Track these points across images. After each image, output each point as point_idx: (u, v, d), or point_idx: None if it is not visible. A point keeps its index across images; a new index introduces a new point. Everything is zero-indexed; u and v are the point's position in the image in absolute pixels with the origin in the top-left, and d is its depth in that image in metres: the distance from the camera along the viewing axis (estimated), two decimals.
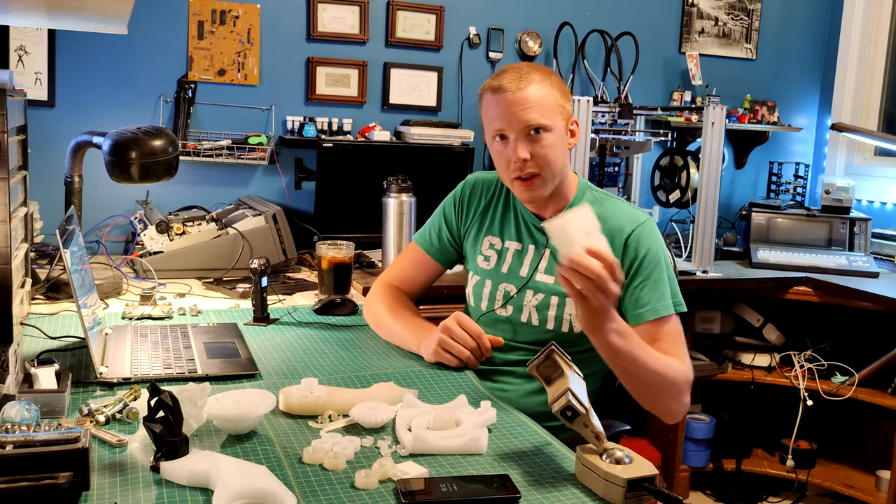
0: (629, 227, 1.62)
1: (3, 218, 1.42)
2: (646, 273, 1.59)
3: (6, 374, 1.25)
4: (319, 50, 2.98)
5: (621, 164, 3.23)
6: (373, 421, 1.27)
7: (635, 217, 1.65)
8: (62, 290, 2.01)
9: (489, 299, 1.74)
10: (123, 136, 1.96)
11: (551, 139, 1.59)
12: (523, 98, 1.58)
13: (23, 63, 2.63)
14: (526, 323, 1.69)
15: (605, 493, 1.09)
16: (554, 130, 1.60)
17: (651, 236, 1.63)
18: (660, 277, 1.59)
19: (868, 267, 3.01)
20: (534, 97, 1.58)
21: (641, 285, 1.59)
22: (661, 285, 1.59)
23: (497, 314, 1.73)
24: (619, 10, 3.37)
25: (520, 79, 1.58)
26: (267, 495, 1.01)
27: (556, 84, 1.62)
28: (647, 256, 1.60)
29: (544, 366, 1.22)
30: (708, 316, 3.15)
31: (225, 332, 1.78)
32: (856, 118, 3.61)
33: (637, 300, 1.59)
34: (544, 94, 1.59)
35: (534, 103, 1.58)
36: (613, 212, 1.66)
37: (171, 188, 2.73)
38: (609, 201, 1.70)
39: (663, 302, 1.58)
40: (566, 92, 1.64)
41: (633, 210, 1.68)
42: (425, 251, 1.87)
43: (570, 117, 1.65)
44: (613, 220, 1.64)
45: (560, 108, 1.61)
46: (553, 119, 1.59)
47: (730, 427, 3.20)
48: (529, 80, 1.58)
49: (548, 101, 1.59)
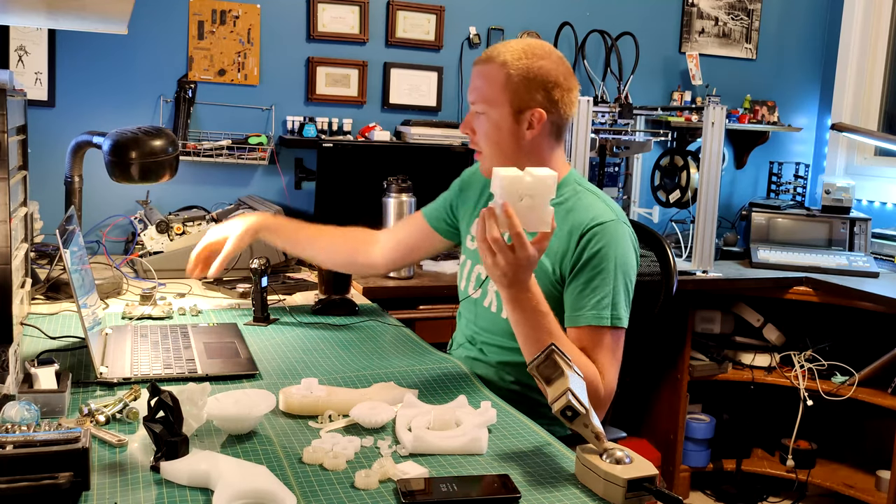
0: (589, 224, 1.54)
1: (3, 218, 1.42)
2: (588, 275, 1.52)
3: (6, 374, 1.25)
4: (319, 50, 2.98)
5: (621, 164, 3.23)
6: (373, 421, 1.27)
7: (600, 215, 1.55)
8: (62, 290, 2.01)
9: (467, 280, 1.75)
10: (123, 136, 1.96)
11: (489, 122, 1.56)
12: (477, 72, 1.58)
13: (23, 63, 2.63)
14: (486, 308, 1.68)
15: (605, 493, 1.09)
16: (489, 115, 1.56)
17: (609, 238, 1.53)
18: (601, 284, 1.51)
19: (868, 267, 3.01)
20: (484, 74, 1.56)
21: (581, 287, 1.53)
22: (601, 292, 1.51)
23: (472, 298, 1.73)
24: (619, 10, 3.37)
25: (490, 53, 1.57)
26: (267, 495, 1.01)
27: (524, 67, 1.53)
28: (596, 258, 1.52)
29: (544, 366, 1.22)
30: (708, 316, 3.15)
31: (225, 332, 1.78)
32: (856, 118, 3.61)
33: (575, 301, 1.53)
34: (499, 74, 1.54)
35: (481, 81, 1.56)
36: (584, 206, 1.59)
37: (171, 188, 2.73)
38: (586, 196, 1.61)
39: (598, 311, 1.50)
40: (536, 77, 1.54)
41: (602, 208, 1.58)
42: (423, 213, 1.90)
43: (528, 106, 1.54)
44: (578, 214, 1.57)
45: (511, 93, 1.53)
46: (494, 102, 1.55)
47: (730, 427, 3.20)
48: (495, 57, 1.55)
49: (496, 82, 1.54)
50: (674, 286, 1.96)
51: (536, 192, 1.31)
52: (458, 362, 1.67)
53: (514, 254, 1.33)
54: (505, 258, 1.33)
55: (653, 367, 3.17)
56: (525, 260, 1.33)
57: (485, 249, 1.35)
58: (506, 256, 1.33)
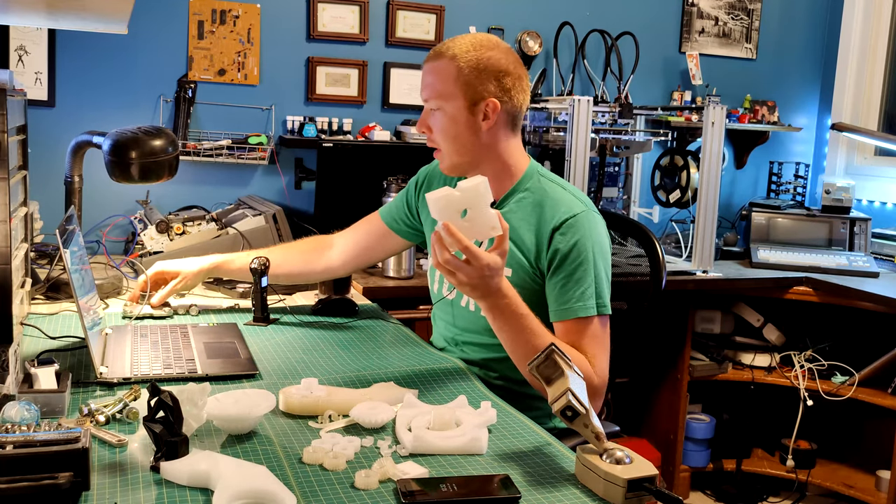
0: (560, 217, 1.55)
1: (3, 218, 1.42)
2: (569, 269, 1.53)
3: (6, 374, 1.25)
4: (319, 50, 2.98)
5: (621, 163, 3.23)
6: (373, 421, 1.27)
7: (570, 208, 1.56)
8: (62, 290, 2.01)
9: (440, 282, 1.75)
10: (123, 136, 1.96)
11: (445, 118, 1.57)
12: (427, 69, 1.59)
13: (23, 63, 2.63)
14: (464, 307, 1.69)
15: (605, 493, 1.09)
16: (444, 110, 1.57)
17: (582, 230, 1.54)
18: (583, 276, 1.52)
19: (868, 267, 3.01)
20: (434, 70, 1.56)
21: (563, 281, 1.53)
22: (584, 284, 1.52)
23: (447, 300, 1.73)
24: (619, 10, 3.37)
25: (438, 49, 1.58)
26: (267, 495, 1.01)
27: (472, 59, 1.54)
28: (574, 251, 1.53)
29: (544, 366, 1.22)
30: (708, 316, 3.15)
31: (225, 332, 1.78)
32: (856, 118, 3.61)
33: (558, 296, 1.54)
34: (449, 68, 1.55)
35: (431, 78, 1.57)
36: (552, 199, 1.59)
37: (171, 188, 2.73)
38: (552, 188, 1.62)
39: (583, 302, 1.52)
40: (486, 68, 1.54)
41: (571, 200, 1.58)
42: (381, 216, 1.91)
43: (481, 97, 1.55)
44: (549, 209, 1.58)
45: (464, 86, 1.54)
46: (448, 98, 1.55)
47: (730, 427, 3.20)
48: (442, 52, 1.56)
49: (447, 76, 1.55)
50: (663, 280, 1.95)
51: (472, 203, 1.31)
52: (458, 362, 1.67)
53: (471, 266, 1.33)
54: (465, 274, 1.34)
55: (653, 367, 3.17)
56: (486, 269, 1.33)
57: (445, 273, 1.36)
58: (465, 272, 1.33)
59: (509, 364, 1.53)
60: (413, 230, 1.87)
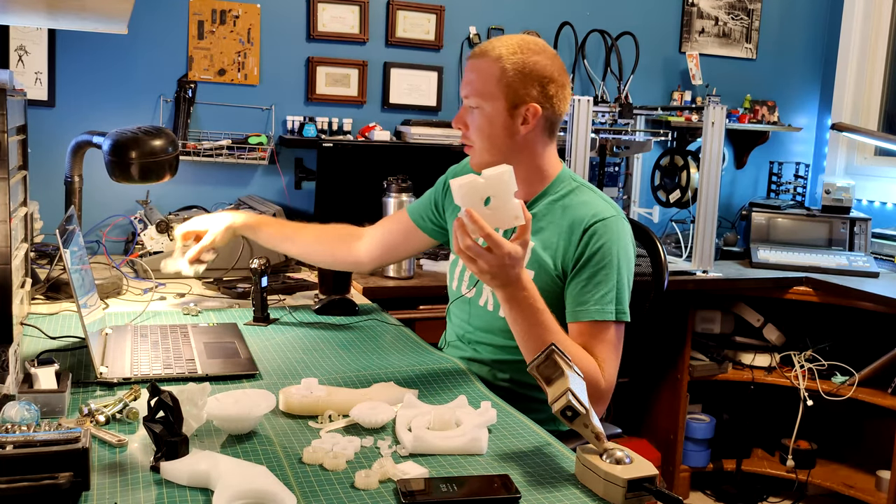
0: (590, 220, 1.55)
1: (3, 218, 1.42)
2: (592, 270, 1.53)
3: (6, 374, 1.25)
4: (319, 50, 2.98)
5: (621, 163, 3.23)
6: (373, 421, 1.27)
7: (601, 211, 1.56)
8: (62, 290, 2.01)
9: (459, 279, 1.74)
10: (123, 136, 1.96)
11: (483, 117, 1.56)
12: (471, 67, 1.58)
13: (23, 63, 2.63)
14: (482, 307, 1.68)
15: (606, 493, 1.09)
16: (483, 110, 1.55)
17: (611, 234, 1.54)
18: (605, 280, 1.52)
19: (868, 267, 3.01)
20: (478, 69, 1.55)
21: (584, 282, 1.53)
22: (605, 287, 1.52)
23: (465, 297, 1.73)
24: (619, 10, 3.37)
25: (483, 47, 1.57)
26: (267, 495, 1.01)
27: (518, 62, 1.53)
28: (599, 253, 1.53)
29: (544, 366, 1.22)
30: (708, 316, 3.15)
31: (225, 332, 1.78)
32: (856, 118, 3.61)
33: (577, 296, 1.54)
34: (493, 69, 1.53)
35: (475, 76, 1.55)
36: (583, 202, 1.59)
37: (171, 188, 2.73)
38: (583, 191, 1.62)
39: (602, 306, 1.51)
40: (531, 72, 1.53)
41: (602, 205, 1.59)
42: (408, 213, 1.90)
43: (523, 101, 1.54)
44: (578, 210, 1.58)
45: (506, 88, 1.53)
46: (488, 98, 1.54)
47: (730, 427, 3.20)
48: (489, 52, 1.55)
49: (490, 77, 1.53)
50: (665, 281, 1.95)
51: (496, 191, 1.31)
52: (457, 362, 1.67)
53: (492, 254, 1.33)
54: (486, 261, 1.34)
55: (653, 367, 3.17)
56: (507, 258, 1.34)
57: (466, 259, 1.36)
58: (486, 259, 1.34)
59: (519, 367, 1.52)
60: (439, 228, 1.86)
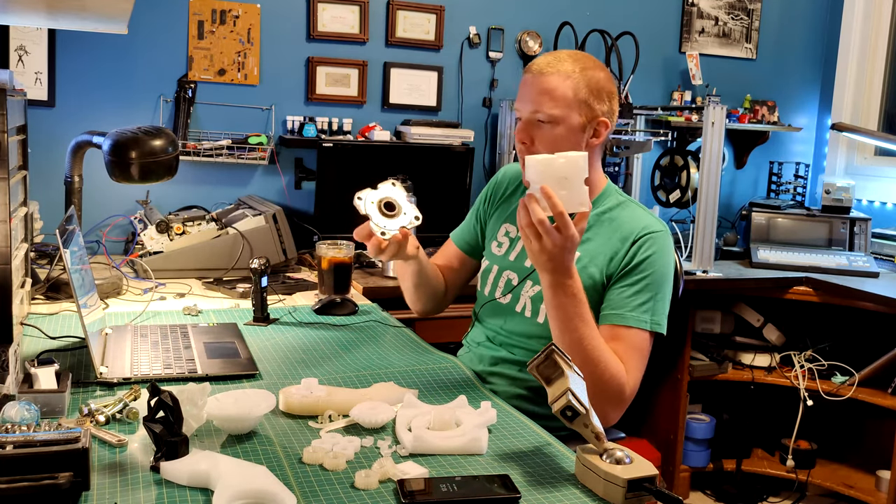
0: (640, 231, 1.58)
1: (3, 218, 1.42)
2: (635, 278, 1.55)
3: (6, 374, 1.25)
4: (319, 50, 2.98)
5: (621, 163, 3.23)
6: (373, 421, 1.27)
7: (651, 224, 1.60)
8: (62, 290, 2.01)
9: (492, 285, 1.74)
10: (123, 136, 1.96)
11: (556, 132, 1.56)
12: (540, 83, 1.57)
13: (23, 63, 2.63)
14: (519, 313, 1.68)
15: (606, 493, 1.09)
16: (562, 124, 1.56)
17: (659, 247, 1.57)
18: (645, 289, 1.54)
19: (868, 267, 3.01)
20: (551, 85, 1.56)
21: (625, 288, 1.55)
22: (645, 296, 1.54)
23: (498, 302, 1.73)
24: (619, 10, 3.37)
25: (548, 63, 1.57)
26: (267, 495, 1.01)
27: (587, 78, 1.56)
28: (645, 262, 1.55)
29: (544, 366, 1.22)
30: (708, 316, 3.15)
31: (225, 332, 1.78)
32: (856, 118, 3.61)
33: (615, 300, 1.55)
34: (566, 85, 1.55)
35: (548, 91, 1.56)
36: (633, 215, 1.63)
37: (171, 188, 2.73)
38: (632, 206, 1.66)
39: (639, 314, 1.53)
40: (601, 89, 1.58)
41: (651, 218, 1.63)
42: (453, 240, 1.91)
43: (595, 116, 1.59)
44: (628, 223, 1.61)
45: (580, 104, 1.56)
46: (565, 112, 1.56)
47: (730, 427, 3.20)
48: (556, 68, 1.56)
49: (565, 93, 1.55)
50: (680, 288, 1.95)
51: (570, 173, 1.34)
52: (457, 362, 1.67)
53: (559, 234, 1.35)
54: (552, 240, 1.35)
55: (653, 367, 3.16)
56: (570, 240, 1.36)
57: (530, 234, 1.37)
58: (552, 238, 1.35)
59: None
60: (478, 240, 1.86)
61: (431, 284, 1.83)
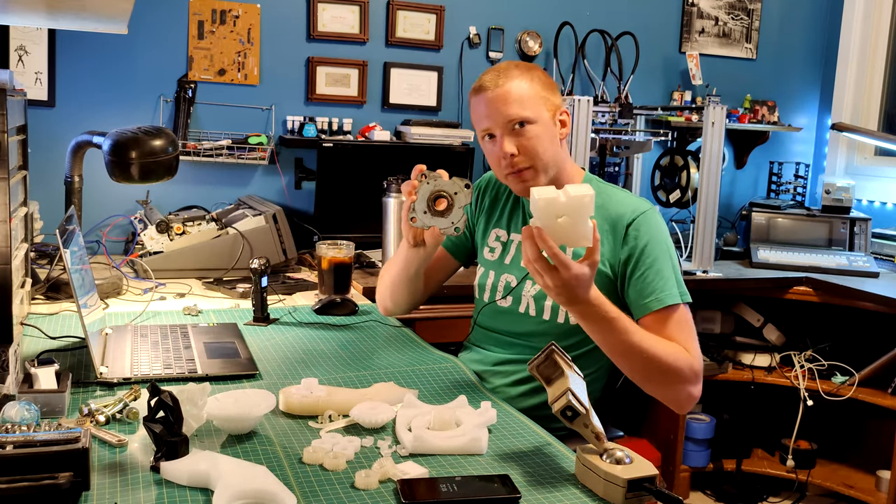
0: (630, 216, 1.60)
1: (3, 218, 1.42)
2: (647, 263, 1.57)
3: (6, 374, 1.25)
4: (319, 50, 2.98)
5: (621, 163, 3.23)
6: (373, 421, 1.27)
7: (637, 206, 1.62)
8: (62, 290, 2.01)
9: (491, 290, 1.75)
10: (123, 136, 1.96)
11: (536, 131, 1.59)
12: (504, 94, 1.59)
13: (23, 63, 2.63)
14: (524, 313, 1.69)
15: (606, 493, 1.09)
16: (538, 122, 1.59)
17: (653, 226, 1.60)
18: (661, 268, 1.56)
19: (868, 267, 3.01)
20: (514, 92, 1.59)
21: (644, 276, 1.56)
22: (663, 276, 1.55)
23: (498, 305, 1.73)
24: (619, 10, 3.37)
25: (498, 76, 1.60)
26: (267, 495, 1.01)
27: (537, 77, 1.62)
28: (649, 246, 1.57)
29: (544, 366, 1.22)
30: (708, 316, 3.14)
31: (225, 332, 1.78)
32: (856, 118, 3.61)
33: (641, 291, 1.56)
34: (524, 87, 1.59)
35: (514, 98, 1.58)
36: (615, 201, 1.64)
37: (171, 188, 2.73)
38: (612, 191, 1.68)
39: (668, 291, 1.54)
40: (550, 83, 1.64)
41: (635, 199, 1.66)
42: None
43: (557, 108, 1.64)
44: (615, 209, 1.62)
45: (543, 100, 1.61)
46: (536, 111, 1.59)
47: (730, 427, 3.20)
48: (508, 76, 1.60)
49: (528, 93, 1.59)
50: None
51: (573, 211, 1.31)
52: (457, 362, 1.67)
53: (559, 273, 1.33)
54: (552, 279, 1.33)
55: None
56: (573, 279, 1.33)
57: (533, 272, 1.35)
58: (552, 277, 1.33)
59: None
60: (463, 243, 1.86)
61: (420, 282, 1.83)
